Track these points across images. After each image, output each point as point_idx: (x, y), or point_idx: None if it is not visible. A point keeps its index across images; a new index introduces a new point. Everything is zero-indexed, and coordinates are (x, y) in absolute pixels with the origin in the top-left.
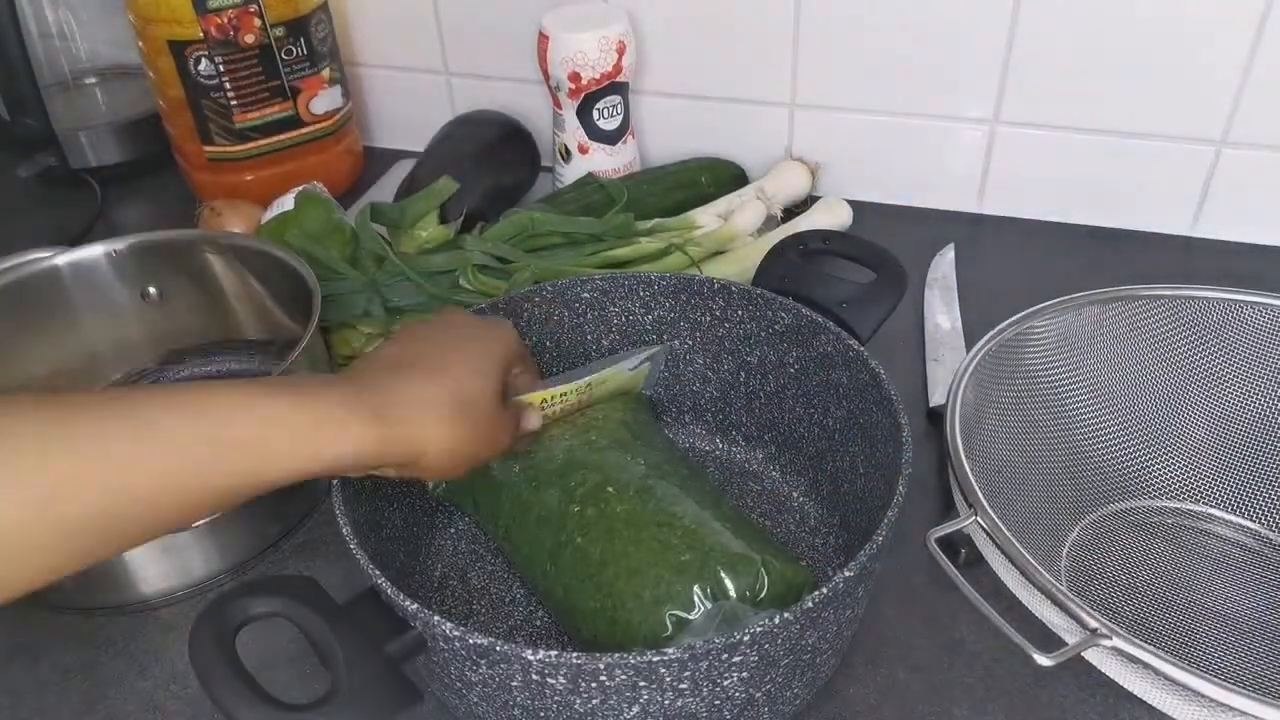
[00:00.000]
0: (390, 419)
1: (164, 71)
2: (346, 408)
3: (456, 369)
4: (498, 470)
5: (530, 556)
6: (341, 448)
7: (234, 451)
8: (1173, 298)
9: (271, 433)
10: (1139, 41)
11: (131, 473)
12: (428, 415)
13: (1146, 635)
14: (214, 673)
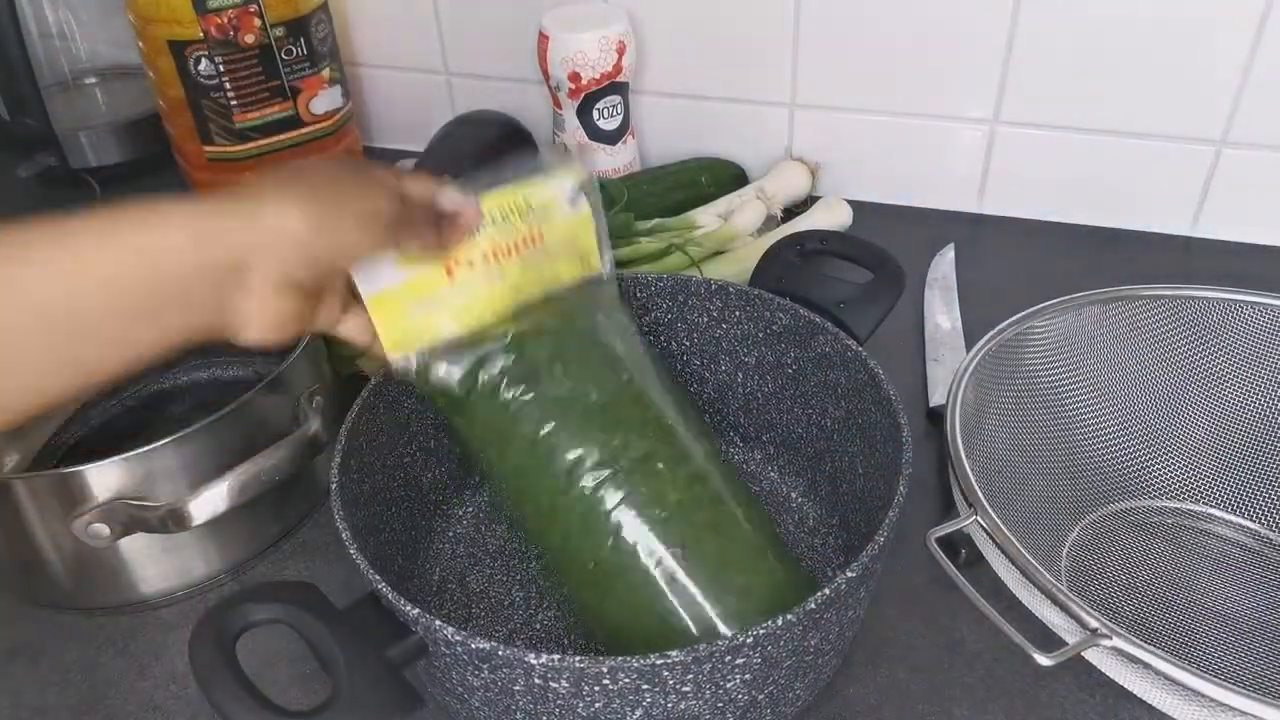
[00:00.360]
0: (229, 193)
1: (164, 71)
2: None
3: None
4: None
5: (564, 549)
6: (169, 225)
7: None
8: (1173, 298)
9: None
10: (1139, 41)
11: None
12: (259, 183)
13: (1146, 635)
14: (215, 679)
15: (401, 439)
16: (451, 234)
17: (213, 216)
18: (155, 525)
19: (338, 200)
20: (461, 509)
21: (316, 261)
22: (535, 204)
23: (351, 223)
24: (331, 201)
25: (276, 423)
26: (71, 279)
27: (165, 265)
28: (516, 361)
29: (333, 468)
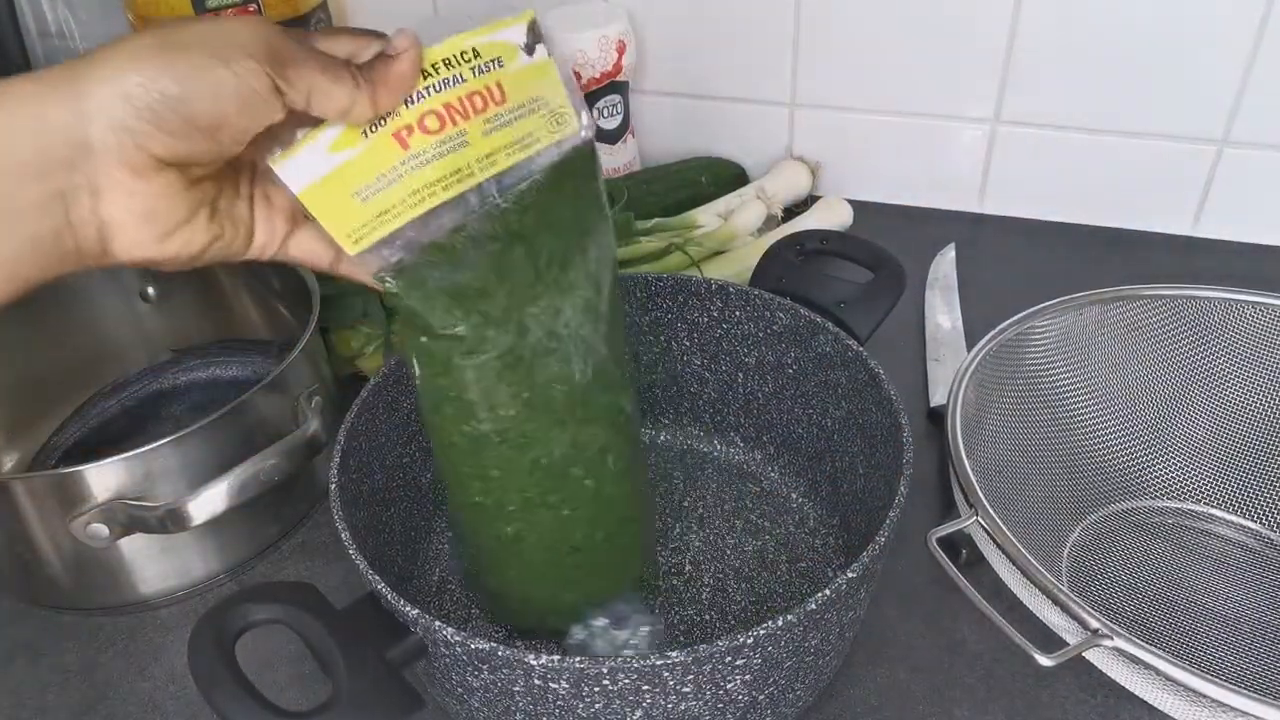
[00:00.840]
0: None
1: None
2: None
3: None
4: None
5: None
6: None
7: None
8: (1174, 298)
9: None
10: (1139, 41)
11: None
12: (96, 50)
13: (1147, 635)
14: (214, 680)
15: (401, 439)
16: (381, 81)
17: (17, 98)
18: (154, 525)
19: (187, 41)
20: None
21: (174, 121)
22: (484, 53)
23: (209, 61)
24: (177, 44)
25: (276, 423)
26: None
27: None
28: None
29: (332, 468)
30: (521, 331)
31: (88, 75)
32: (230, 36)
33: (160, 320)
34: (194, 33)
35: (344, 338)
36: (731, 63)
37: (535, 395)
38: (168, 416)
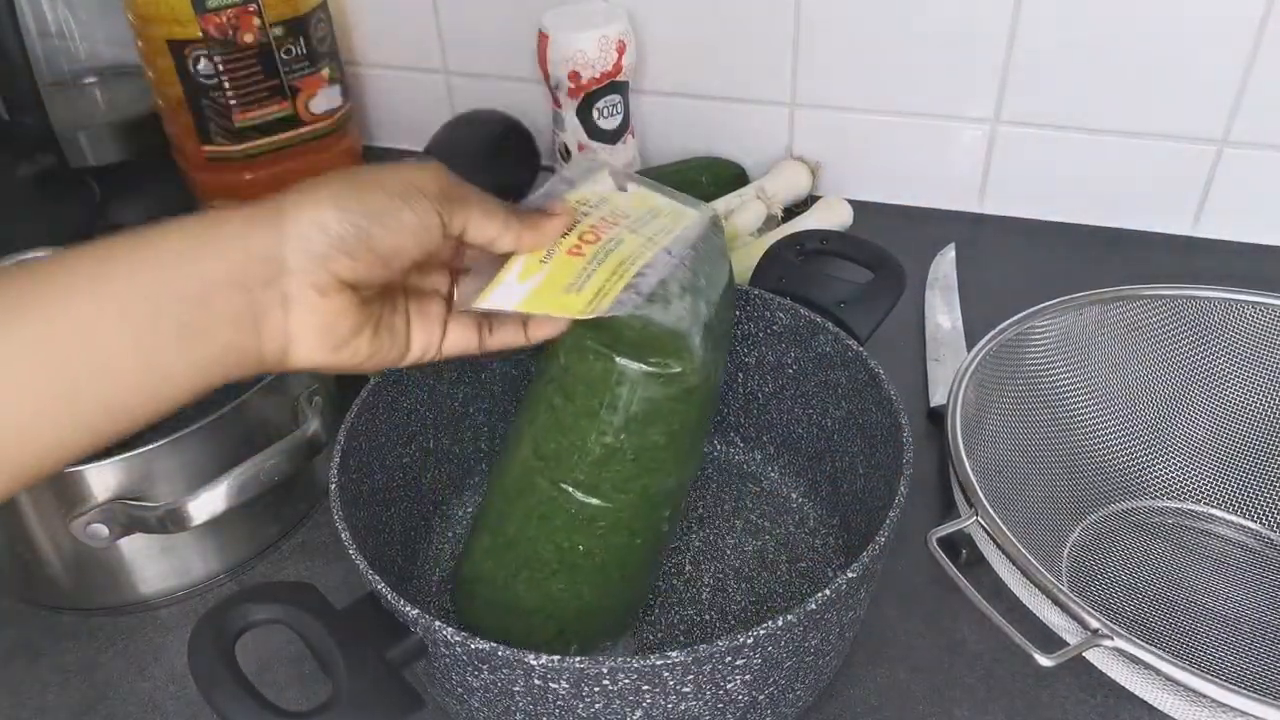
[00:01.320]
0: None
1: (163, 71)
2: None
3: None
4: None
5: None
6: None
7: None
8: (1174, 298)
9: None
10: (1139, 41)
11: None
12: (291, 188)
13: (1147, 635)
14: (214, 680)
15: (401, 439)
16: (531, 225)
17: (231, 221)
18: (154, 525)
19: (374, 182)
20: (461, 509)
21: (360, 251)
22: (593, 198)
23: (390, 196)
24: (367, 184)
25: (276, 423)
26: (77, 317)
27: (185, 285)
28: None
29: (332, 468)
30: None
31: (291, 208)
32: (412, 180)
33: None
34: (382, 177)
35: None
36: (731, 63)
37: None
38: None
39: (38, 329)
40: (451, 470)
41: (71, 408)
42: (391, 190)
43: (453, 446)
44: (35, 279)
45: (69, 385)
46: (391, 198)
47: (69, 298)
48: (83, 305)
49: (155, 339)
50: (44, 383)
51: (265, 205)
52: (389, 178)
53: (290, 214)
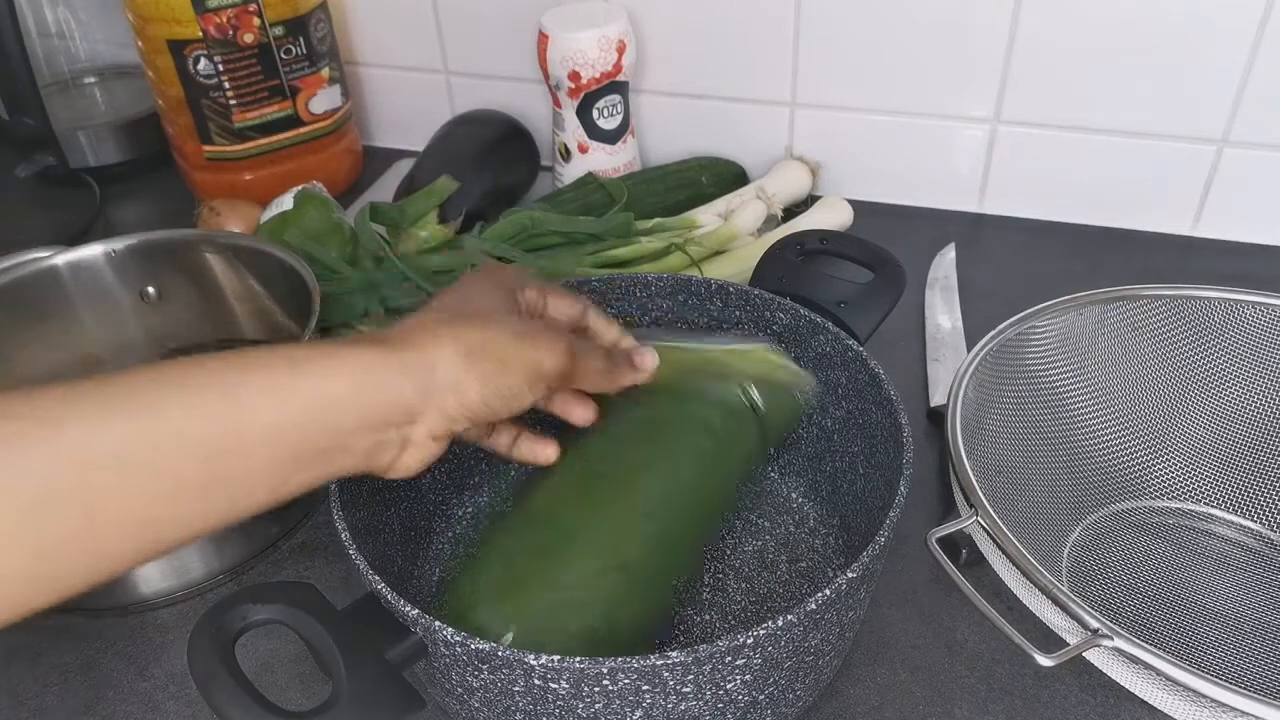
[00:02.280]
0: (402, 343)
1: (163, 71)
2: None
3: (446, 298)
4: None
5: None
6: (386, 392)
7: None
8: (1174, 297)
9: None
10: (1139, 41)
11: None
12: (431, 331)
13: (1148, 635)
14: (214, 681)
15: None
16: (621, 372)
17: (383, 370)
18: None
19: (508, 357)
20: (461, 509)
21: (480, 417)
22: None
23: (521, 381)
24: (502, 359)
25: None
26: (235, 426)
27: (330, 418)
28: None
29: None
30: None
31: (442, 368)
32: (540, 365)
33: (160, 320)
34: (518, 356)
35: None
36: (731, 63)
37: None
38: None
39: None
40: (451, 470)
41: (195, 504)
42: (524, 374)
43: (453, 446)
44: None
45: (205, 484)
46: (522, 383)
47: (222, 410)
48: (240, 417)
49: (295, 463)
50: (190, 476)
51: (411, 350)
52: (526, 357)
53: (440, 376)
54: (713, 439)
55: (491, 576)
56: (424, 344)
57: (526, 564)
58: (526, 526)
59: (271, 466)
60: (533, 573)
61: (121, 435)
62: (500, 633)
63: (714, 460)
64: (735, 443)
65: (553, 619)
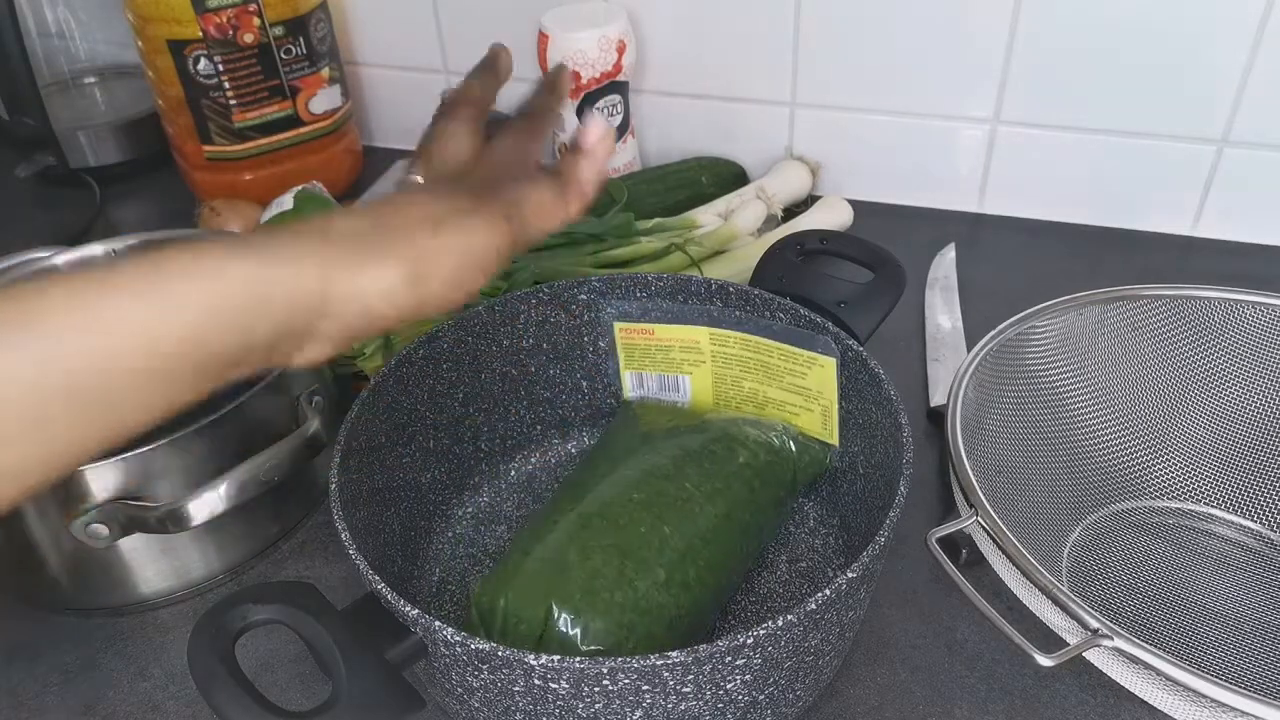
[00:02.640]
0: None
1: (163, 71)
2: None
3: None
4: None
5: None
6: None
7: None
8: (1174, 297)
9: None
10: (1139, 41)
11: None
12: (344, 228)
13: (1148, 635)
14: (214, 680)
15: (401, 439)
16: (572, 190)
17: (279, 265)
18: (154, 526)
19: (440, 273)
20: (461, 509)
21: (399, 318)
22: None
23: (455, 291)
24: (430, 276)
25: (276, 423)
26: (104, 343)
27: (217, 328)
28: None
29: (332, 468)
30: None
31: (335, 284)
32: (470, 257)
33: None
34: (439, 257)
35: None
36: (731, 63)
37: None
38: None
39: (66, 352)
40: (451, 470)
41: (66, 426)
42: (451, 274)
43: (453, 446)
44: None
45: (74, 406)
46: (447, 286)
47: (86, 324)
48: (104, 339)
49: (170, 379)
50: (55, 406)
51: (312, 245)
52: (449, 255)
53: (338, 296)
54: (759, 478)
55: (566, 567)
56: (327, 233)
57: (603, 562)
58: (598, 523)
59: (149, 385)
60: (609, 572)
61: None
62: (574, 628)
63: (759, 495)
64: (775, 482)
65: (622, 622)
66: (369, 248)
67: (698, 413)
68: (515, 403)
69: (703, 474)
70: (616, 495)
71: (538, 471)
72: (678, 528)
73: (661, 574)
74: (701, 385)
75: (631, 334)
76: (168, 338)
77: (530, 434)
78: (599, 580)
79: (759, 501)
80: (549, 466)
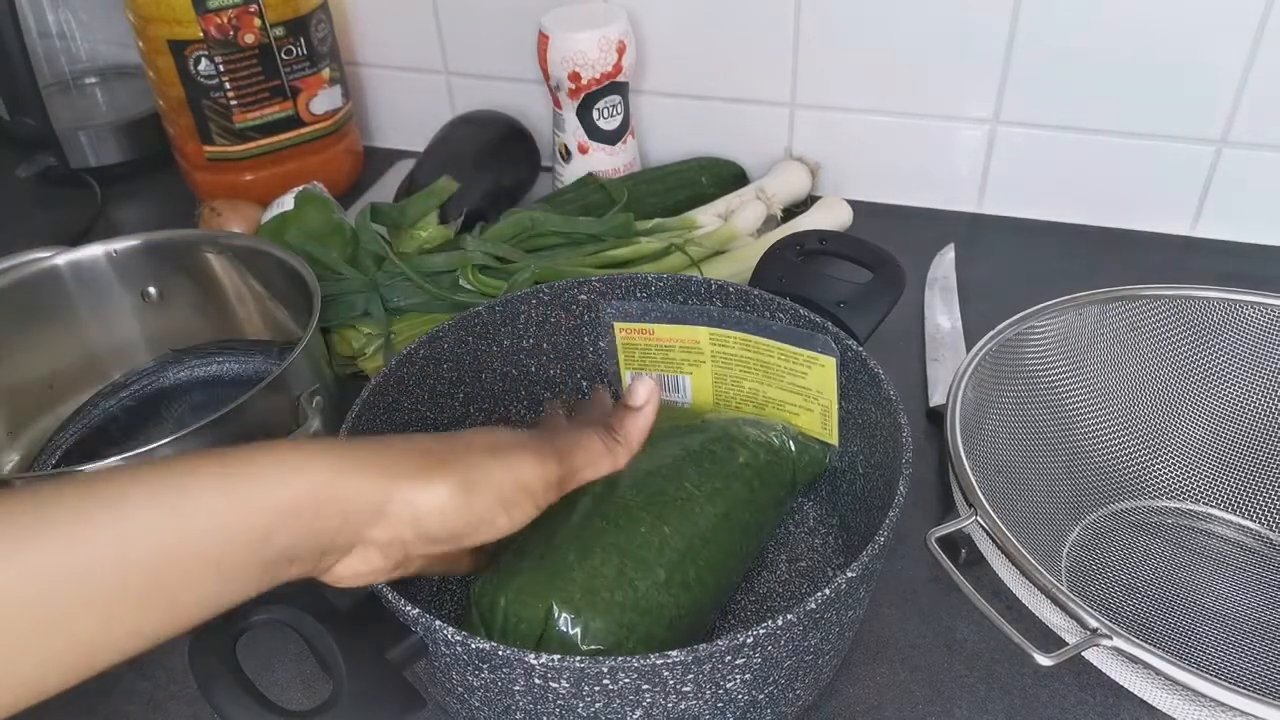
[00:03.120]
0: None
1: (164, 71)
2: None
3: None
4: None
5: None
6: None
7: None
8: (1173, 298)
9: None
10: (1139, 41)
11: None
12: (408, 453)
13: (1147, 635)
14: (215, 680)
15: None
16: (626, 438)
17: (350, 471)
18: None
19: (487, 483)
20: None
21: (447, 547)
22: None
23: (498, 509)
24: (478, 484)
25: (276, 423)
26: (186, 527)
27: (287, 526)
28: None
29: None
30: None
31: (399, 493)
32: (520, 482)
33: (161, 320)
34: (491, 475)
35: (345, 337)
36: (731, 63)
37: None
38: (169, 416)
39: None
40: None
41: (147, 597)
42: (499, 495)
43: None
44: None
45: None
46: (497, 506)
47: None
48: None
49: (219, 578)
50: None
51: (372, 471)
52: (501, 479)
53: (397, 501)
54: (759, 478)
55: (566, 567)
56: (392, 455)
57: (603, 561)
58: (598, 524)
59: (197, 583)
60: (608, 572)
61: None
62: (574, 627)
63: (759, 495)
64: (775, 482)
65: (622, 621)
66: (432, 461)
67: (697, 412)
68: (515, 403)
69: (702, 474)
70: (616, 494)
71: None
72: (678, 527)
73: (661, 573)
74: (701, 385)
75: (631, 334)
76: (244, 532)
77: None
78: (599, 580)
79: (759, 501)
80: None
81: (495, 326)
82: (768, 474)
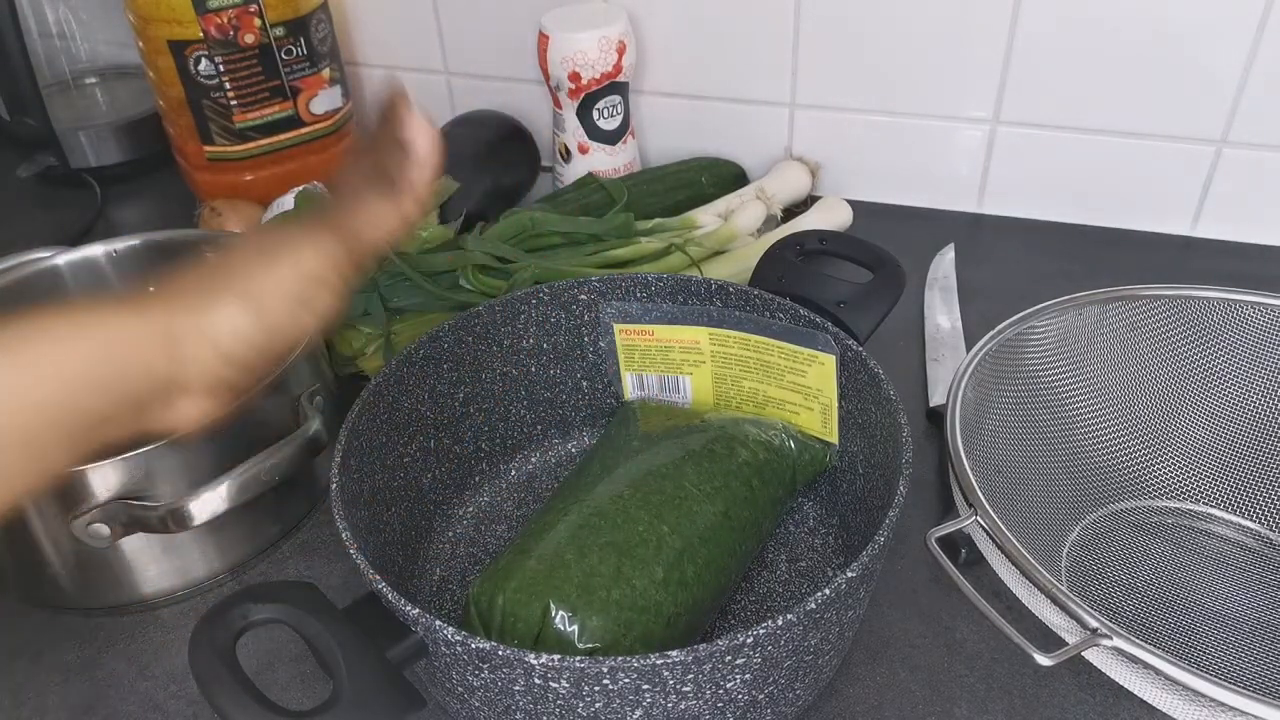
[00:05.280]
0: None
1: (164, 71)
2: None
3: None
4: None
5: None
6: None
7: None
8: (1173, 298)
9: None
10: (1139, 41)
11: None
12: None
13: (1147, 635)
14: (215, 680)
15: (401, 439)
16: (404, 195)
17: (127, 319)
18: (155, 525)
19: (266, 289)
20: (461, 509)
21: (257, 353)
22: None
23: (295, 308)
24: (260, 294)
25: (276, 423)
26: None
27: (76, 390)
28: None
29: (333, 468)
30: None
31: (178, 327)
32: (306, 275)
33: None
34: (270, 280)
35: (345, 338)
36: (731, 63)
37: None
38: None
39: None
40: (451, 470)
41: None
42: (289, 295)
43: (453, 446)
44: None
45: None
46: (291, 306)
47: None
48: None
49: (28, 446)
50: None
51: (152, 314)
52: (281, 277)
53: (186, 338)
54: (758, 477)
55: (563, 565)
56: (170, 298)
57: (600, 560)
58: (597, 521)
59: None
60: (606, 570)
61: None
62: (571, 625)
63: (758, 494)
64: (775, 481)
65: (619, 619)
66: (207, 286)
67: (698, 412)
68: (515, 403)
69: (701, 473)
70: (614, 493)
71: (538, 471)
72: (676, 526)
73: (659, 572)
74: (701, 385)
75: (631, 335)
76: (46, 406)
77: (530, 434)
78: (596, 578)
79: (758, 500)
80: (549, 466)
81: (495, 326)
82: (767, 473)
